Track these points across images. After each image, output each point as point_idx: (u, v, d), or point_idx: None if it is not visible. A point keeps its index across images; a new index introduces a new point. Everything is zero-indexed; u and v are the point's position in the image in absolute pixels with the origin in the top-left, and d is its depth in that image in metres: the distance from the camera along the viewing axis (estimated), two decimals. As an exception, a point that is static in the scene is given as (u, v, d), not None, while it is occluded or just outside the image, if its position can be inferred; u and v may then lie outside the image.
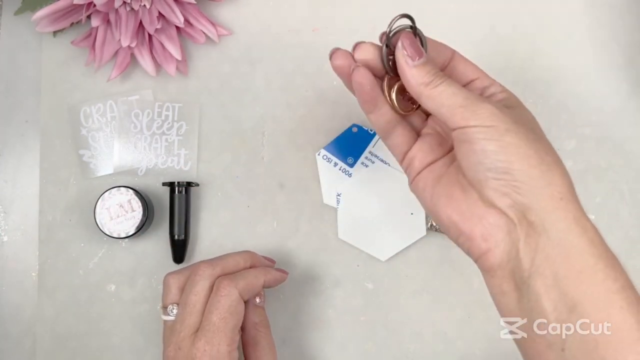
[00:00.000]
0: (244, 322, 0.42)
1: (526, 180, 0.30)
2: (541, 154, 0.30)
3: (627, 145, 0.53)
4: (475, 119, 0.31)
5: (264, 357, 0.43)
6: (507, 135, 0.30)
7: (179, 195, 0.49)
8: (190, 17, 0.50)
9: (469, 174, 0.32)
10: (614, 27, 0.54)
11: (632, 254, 0.52)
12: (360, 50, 0.36)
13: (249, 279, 0.42)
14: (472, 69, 0.37)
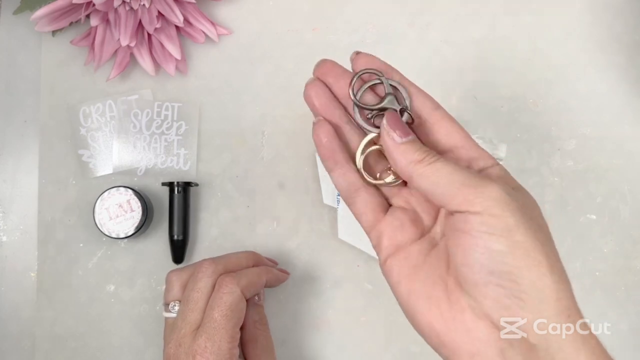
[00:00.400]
0: (244, 319, 0.42)
1: (534, 294, 0.25)
2: (552, 259, 0.26)
3: (627, 145, 0.53)
4: (481, 203, 0.26)
5: (262, 355, 0.42)
6: (517, 232, 0.25)
7: (178, 195, 0.49)
8: (190, 17, 0.50)
9: (462, 272, 0.27)
10: (614, 27, 0.54)
11: (633, 254, 0.52)
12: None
13: (252, 277, 0.41)
14: (458, 133, 0.32)
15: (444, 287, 0.27)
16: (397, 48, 0.53)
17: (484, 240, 0.26)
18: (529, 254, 0.25)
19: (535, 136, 0.53)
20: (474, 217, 0.26)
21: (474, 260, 0.26)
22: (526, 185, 0.53)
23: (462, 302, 0.27)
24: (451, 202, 0.27)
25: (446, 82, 0.53)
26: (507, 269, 0.25)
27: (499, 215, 0.26)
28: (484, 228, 0.26)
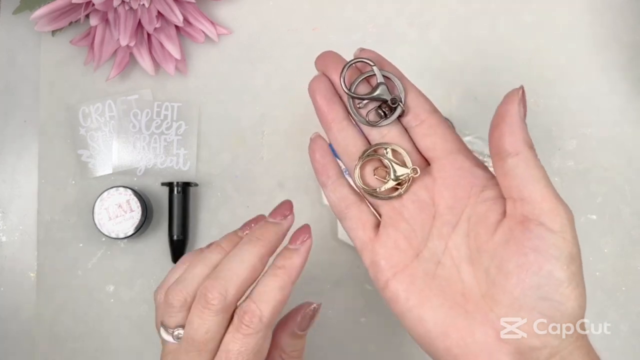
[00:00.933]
0: (270, 349, 0.33)
1: (569, 321, 0.25)
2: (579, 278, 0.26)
3: (628, 145, 0.53)
4: (560, 222, 0.25)
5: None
6: (575, 263, 0.25)
7: (177, 195, 0.49)
8: (190, 16, 0.49)
9: (508, 292, 0.25)
10: (615, 27, 0.54)
11: (634, 254, 0.52)
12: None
13: (275, 299, 0.31)
14: (455, 140, 0.31)
15: (463, 310, 0.26)
16: (397, 48, 0.53)
17: (550, 264, 0.24)
18: (579, 286, 0.25)
19: (535, 136, 0.52)
20: (550, 235, 0.25)
21: (531, 282, 0.24)
22: (526, 185, 0.53)
23: (487, 326, 0.25)
24: (535, 208, 0.26)
25: (446, 82, 0.53)
26: (559, 299, 0.24)
27: (568, 241, 0.25)
28: (553, 251, 0.24)
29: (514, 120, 0.28)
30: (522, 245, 0.25)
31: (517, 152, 0.28)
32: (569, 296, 0.24)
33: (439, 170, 0.30)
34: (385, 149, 0.30)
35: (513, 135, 0.28)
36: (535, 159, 0.28)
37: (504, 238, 0.26)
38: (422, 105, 0.31)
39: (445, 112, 0.51)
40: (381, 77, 0.31)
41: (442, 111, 0.52)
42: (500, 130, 0.28)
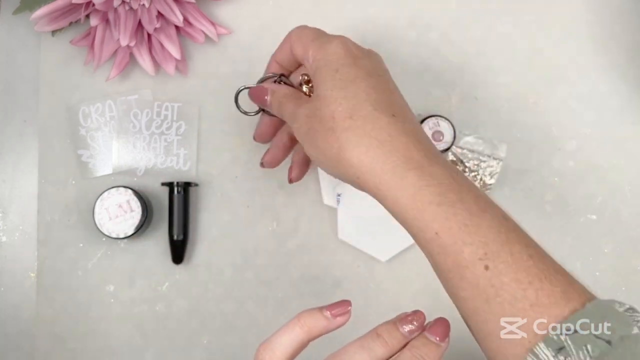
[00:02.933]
0: None
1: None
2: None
3: (628, 145, 0.53)
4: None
5: None
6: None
7: (178, 196, 0.49)
8: (190, 17, 0.49)
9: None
10: (614, 27, 0.54)
11: (634, 254, 0.52)
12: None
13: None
14: (299, 52, 0.39)
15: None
16: (397, 48, 0.53)
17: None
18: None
19: (535, 136, 0.53)
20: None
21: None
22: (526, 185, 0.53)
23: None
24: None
25: (446, 82, 0.53)
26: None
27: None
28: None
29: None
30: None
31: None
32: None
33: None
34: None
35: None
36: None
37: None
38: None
39: (445, 112, 0.51)
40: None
41: (442, 111, 0.52)
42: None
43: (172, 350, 0.50)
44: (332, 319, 0.35)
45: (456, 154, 0.51)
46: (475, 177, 0.51)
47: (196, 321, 0.50)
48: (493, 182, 0.51)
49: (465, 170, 0.51)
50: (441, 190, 0.32)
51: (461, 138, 0.51)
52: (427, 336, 0.34)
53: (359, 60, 0.36)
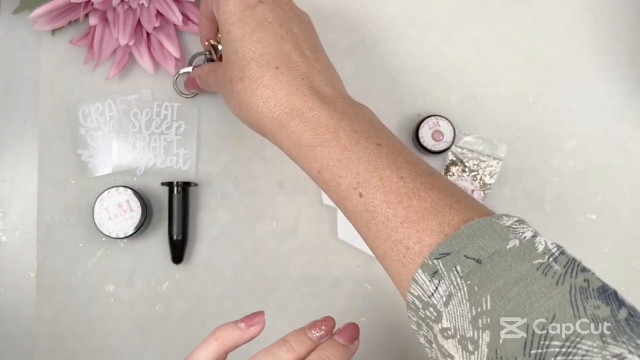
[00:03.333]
0: None
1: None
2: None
3: (628, 145, 0.53)
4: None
5: None
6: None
7: (178, 196, 0.49)
8: (190, 14, 0.49)
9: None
10: (615, 27, 0.54)
11: (634, 254, 0.52)
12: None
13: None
14: (210, 5, 0.41)
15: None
16: (397, 48, 0.53)
17: None
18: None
19: (535, 136, 0.53)
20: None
21: None
22: (526, 185, 0.53)
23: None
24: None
25: (446, 82, 0.53)
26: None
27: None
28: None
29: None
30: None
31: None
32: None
33: None
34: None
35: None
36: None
37: None
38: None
39: (445, 112, 0.51)
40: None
41: (442, 111, 0.52)
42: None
43: (172, 350, 0.50)
44: (246, 330, 0.36)
45: (456, 154, 0.51)
46: (475, 177, 0.51)
47: (196, 321, 0.50)
48: (493, 182, 0.51)
49: (465, 170, 0.51)
50: (318, 133, 0.34)
51: (461, 138, 0.51)
52: (335, 339, 0.36)
53: (249, 12, 0.37)
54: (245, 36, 0.36)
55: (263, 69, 0.35)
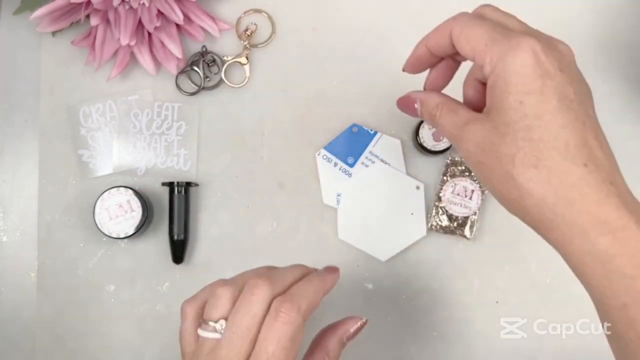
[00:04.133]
0: (315, 349, 0.37)
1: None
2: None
3: (628, 145, 0.53)
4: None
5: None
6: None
7: (178, 196, 0.49)
8: (190, 14, 0.49)
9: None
10: (615, 27, 0.54)
11: (633, 254, 0.52)
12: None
13: (312, 298, 0.35)
14: (466, 48, 0.34)
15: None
16: (397, 48, 0.53)
17: None
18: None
19: (535, 136, 0.53)
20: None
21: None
22: (526, 185, 0.53)
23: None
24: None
25: (446, 82, 0.53)
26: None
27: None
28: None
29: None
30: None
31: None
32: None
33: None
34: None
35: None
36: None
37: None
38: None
39: (445, 112, 0.51)
40: None
41: (442, 111, 0.52)
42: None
43: (172, 349, 0.50)
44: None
45: (456, 154, 0.51)
46: (475, 177, 0.51)
47: (196, 321, 0.50)
48: (493, 182, 0.51)
49: (465, 170, 0.51)
50: (637, 262, 0.29)
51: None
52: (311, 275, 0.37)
53: (549, 81, 0.30)
54: (547, 114, 0.30)
55: (569, 162, 0.30)
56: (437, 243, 0.51)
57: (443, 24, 0.36)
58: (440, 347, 0.51)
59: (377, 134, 0.51)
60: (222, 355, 0.33)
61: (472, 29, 0.33)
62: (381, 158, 0.51)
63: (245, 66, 0.52)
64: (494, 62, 0.31)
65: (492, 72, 0.31)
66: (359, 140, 0.51)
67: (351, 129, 0.51)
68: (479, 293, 0.51)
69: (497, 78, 0.31)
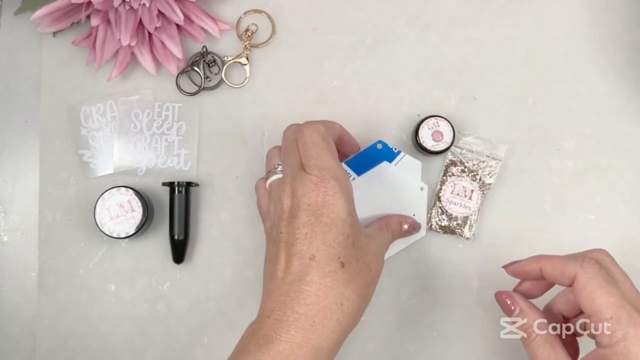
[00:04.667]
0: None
1: None
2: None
3: (627, 145, 0.53)
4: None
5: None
6: None
7: (178, 195, 0.49)
8: (191, 14, 0.50)
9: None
10: (614, 27, 0.54)
11: (634, 254, 0.52)
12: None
13: (327, 123, 0.43)
14: (587, 305, 0.35)
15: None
16: (397, 48, 0.53)
17: None
18: None
19: (535, 136, 0.53)
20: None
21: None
22: (526, 185, 0.53)
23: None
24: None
25: (446, 82, 0.53)
26: None
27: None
28: None
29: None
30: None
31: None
32: None
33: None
34: None
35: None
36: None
37: None
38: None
39: (445, 112, 0.52)
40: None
41: (442, 111, 0.52)
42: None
43: (172, 349, 0.50)
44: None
45: (455, 154, 0.51)
46: (474, 177, 0.51)
47: (196, 321, 0.50)
48: (492, 182, 0.51)
49: (465, 170, 0.51)
50: None
51: (460, 138, 0.51)
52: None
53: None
54: None
55: None
56: (437, 243, 0.51)
57: (569, 263, 0.36)
58: (440, 347, 0.51)
59: (400, 153, 0.50)
60: (287, 164, 0.41)
61: (600, 293, 0.34)
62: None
63: (245, 66, 0.52)
64: (616, 338, 0.33)
65: (610, 347, 0.33)
66: (382, 158, 0.50)
67: (375, 146, 0.50)
68: (479, 292, 0.51)
69: (616, 355, 0.33)
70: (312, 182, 0.38)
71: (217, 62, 0.52)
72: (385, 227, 0.44)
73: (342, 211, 0.38)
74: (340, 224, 0.37)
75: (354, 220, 0.38)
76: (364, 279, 0.38)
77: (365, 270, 0.38)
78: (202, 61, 0.51)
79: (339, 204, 0.38)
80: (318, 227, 0.37)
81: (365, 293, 0.38)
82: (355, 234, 0.38)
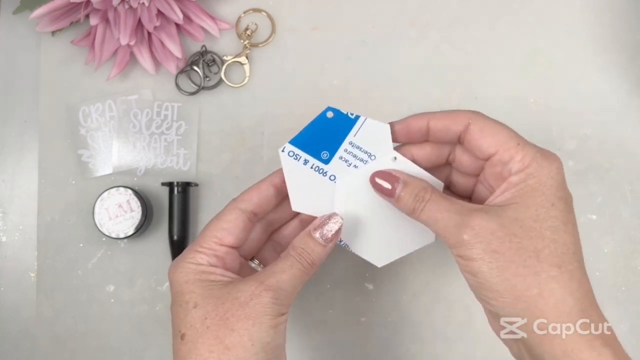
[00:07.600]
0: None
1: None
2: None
3: (628, 145, 0.53)
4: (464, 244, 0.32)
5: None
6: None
7: (178, 195, 0.49)
8: (190, 14, 0.49)
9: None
10: (615, 27, 0.54)
11: (634, 254, 0.52)
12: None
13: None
14: (489, 141, 0.35)
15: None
16: (397, 48, 0.53)
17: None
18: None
19: (535, 136, 0.52)
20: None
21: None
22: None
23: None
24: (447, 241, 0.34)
25: (446, 82, 0.53)
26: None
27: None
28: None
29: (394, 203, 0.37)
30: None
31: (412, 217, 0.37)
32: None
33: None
34: None
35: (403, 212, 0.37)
36: (424, 212, 0.36)
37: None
38: (452, 125, 0.38)
39: (446, 112, 0.51)
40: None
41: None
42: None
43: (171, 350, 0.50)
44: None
45: (456, 154, 0.51)
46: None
47: (196, 321, 0.50)
48: (493, 182, 0.51)
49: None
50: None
51: (461, 138, 0.51)
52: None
53: (569, 196, 0.34)
54: (569, 223, 0.34)
55: (582, 271, 0.35)
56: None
57: (458, 111, 0.36)
58: (440, 347, 0.51)
59: (359, 118, 0.40)
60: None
61: (498, 127, 0.35)
62: (365, 150, 0.40)
63: (245, 66, 0.52)
64: (526, 161, 0.33)
65: (523, 171, 0.33)
66: (336, 128, 0.40)
67: (325, 114, 0.40)
68: (479, 293, 0.51)
69: (529, 177, 0.33)
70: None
71: (217, 61, 0.52)
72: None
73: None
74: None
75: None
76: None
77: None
78: (202, 60, 0.51)
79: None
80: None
81: None
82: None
